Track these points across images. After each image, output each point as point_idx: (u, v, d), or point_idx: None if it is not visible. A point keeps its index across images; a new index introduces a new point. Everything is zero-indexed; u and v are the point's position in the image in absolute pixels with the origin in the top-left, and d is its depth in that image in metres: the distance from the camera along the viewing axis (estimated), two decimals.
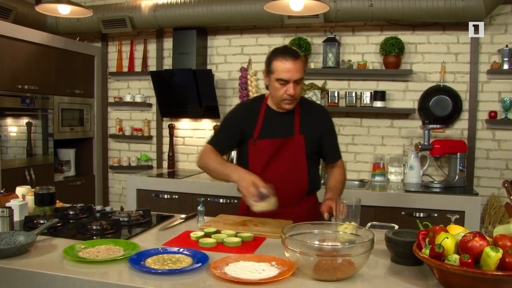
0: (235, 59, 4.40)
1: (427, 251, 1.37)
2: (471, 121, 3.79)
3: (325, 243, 1.59)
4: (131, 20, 4.14)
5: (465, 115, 3.82)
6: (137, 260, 1.52)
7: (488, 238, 1.32)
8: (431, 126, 3.57)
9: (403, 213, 3.34)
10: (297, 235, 1.58)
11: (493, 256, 1.23)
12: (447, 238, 1.32)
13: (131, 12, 4.14)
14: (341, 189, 2.29)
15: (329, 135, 2.35)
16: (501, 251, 1.24)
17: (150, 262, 1.52)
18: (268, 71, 2.16)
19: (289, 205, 2.23)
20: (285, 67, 2.07)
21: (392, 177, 3.89)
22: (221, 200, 3.77)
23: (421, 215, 3.30)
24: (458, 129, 3.84)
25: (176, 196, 3.89)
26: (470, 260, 1.25)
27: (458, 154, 3.54)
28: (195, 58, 4.25)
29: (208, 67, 4.44)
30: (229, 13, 3.93)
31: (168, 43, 4.53)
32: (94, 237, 1.83)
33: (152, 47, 4.61)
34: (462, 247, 1.31)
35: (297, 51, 2.15)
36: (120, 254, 1.59)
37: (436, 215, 3.26)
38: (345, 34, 4.07)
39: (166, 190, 3.94)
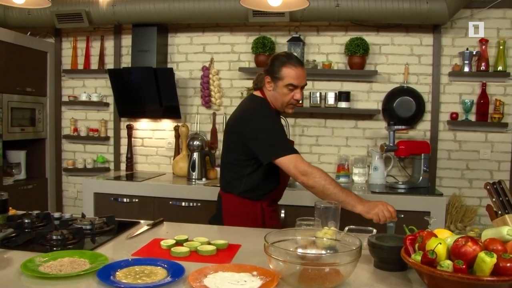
0: (196, 58, 4.27)
1: (418, 257, 1.32)
2: (433, 122, 3.85)
3: (308, 250, 1.52)
4: (87, 14, 3.92)
5: (427, 116, 3.88)
6: (106, 274, 1.38)
7: (479, 243, 1.29)
8: (396, 127, 3.59)
9: None
10: (278, 242, 1.49)
11: (488, 261, 1.19)
12: (440, 243, 1.27)
13: (88, 7, 3.91)
14: None
15: None
16: (495, 256, 1.20)
17: (120, 275, 1.38)
18: (276, 77, 2.21)
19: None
20: (296, 74, 2.19)
21: (356, 178, 3.89)
22: (183, 204, 3.64)
23: None
24: (421, 130, 3.89)
25: (136, 200, 3.72)
26: (464, 266, 1.21)
27: (422, 155, 3.57)
28: (156, 56, 4.08)
29: (169, 65, 4.29)
30: (191, 9, 3.80)
31: (126, 40, 4.33)
32: (54, 248, 1.66)
33: (109, 44, 4.40)
34: (455, 252, 1.26)
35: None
36: (86, 267, 1.44)
37: (402, 216, 3.24)
38: (309, 34, 4.03)
39: (125, 193, 3.75)
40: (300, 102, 3.89)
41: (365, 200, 2.07)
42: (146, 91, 4.11)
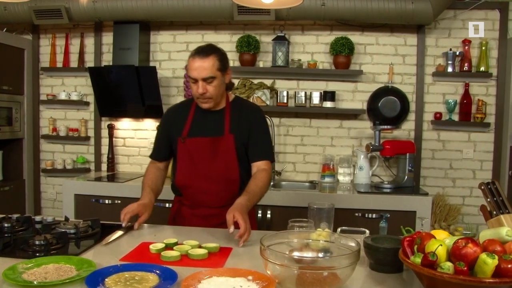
0: (179, 56, 4.19)
1: (417, 259, 1.29)
2: (417, 122, 3.87)
3: (304, 253, 1.48)
4: (67, 11, 3.80)
5: (412, 116, 3.89)
6: (95, 281, 1.31)
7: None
8: (381, 127, 3.59)
9: (356, 214, 3.32)
10: (272, 246, 1.45)
11: (490, 263, 1.17)
12: (441, 245, 1.25)
13: (67, 2, 3.79)
14: (258, 195, 2.12)
15: (255, 132, 2.23)
16: (497, 257, 1.18)
17: (110, 283, 1.32)
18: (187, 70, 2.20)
19: (220, 206, 2.19)
20: (192, 66, 2.08)
21: (341, 178, 3.88)
22: (167, 205, 3.55)
23: (374, 216, 3.30)
24: (405, 130, 3.90)
25: (119, 201, 3.63)
26: (465, 268, 1.19)
27: (407, 154, 3.58)
28: (138, 54, 3.99)
29: (151, 64, 4.20)
30: (174, 7, 3.73)
31: (107, 38, 4.23)
32: (38, 254, 1.58)
33: (89, 42, 4.28)
34: (455, 254, 1.24)
35: (209, 50, 2.10)
36: (73, 274, 1.37)
37: (389, 215, 3.25)
38: (294, 33, 4.00)
39: (107, 194, 3.66)
40: (285, 101, 3.87)
41: (145, 192, 2.37)
42: (127, 90, 4.02)
